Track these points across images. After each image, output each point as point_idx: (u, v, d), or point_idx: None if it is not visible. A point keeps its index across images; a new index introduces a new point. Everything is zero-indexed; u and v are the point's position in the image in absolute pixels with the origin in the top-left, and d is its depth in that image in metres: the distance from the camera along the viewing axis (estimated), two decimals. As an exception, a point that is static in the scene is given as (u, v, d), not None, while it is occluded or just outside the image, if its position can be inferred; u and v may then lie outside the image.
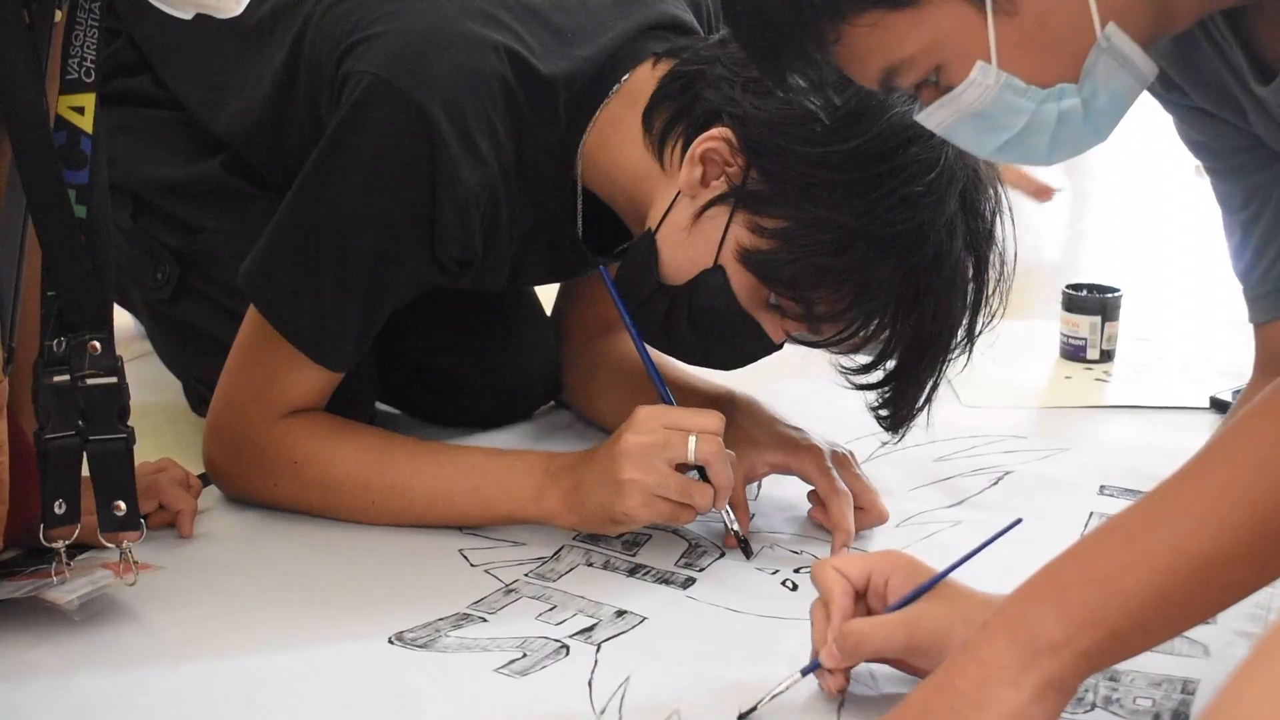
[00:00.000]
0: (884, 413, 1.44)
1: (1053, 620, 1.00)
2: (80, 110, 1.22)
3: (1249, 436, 0.99)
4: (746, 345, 1.44)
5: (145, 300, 1.76)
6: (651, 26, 1.51)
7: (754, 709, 1.17)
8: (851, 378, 1.43)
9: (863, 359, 1.42)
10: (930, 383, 1.42)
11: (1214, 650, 1.30)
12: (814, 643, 1.19)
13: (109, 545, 1.27)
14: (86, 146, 1.23)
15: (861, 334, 1.37)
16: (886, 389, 1.42)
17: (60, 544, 1.27)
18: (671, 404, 1.44)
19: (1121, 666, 1.26)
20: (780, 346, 1.45)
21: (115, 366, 1.25)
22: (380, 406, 1.78)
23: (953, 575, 1.20)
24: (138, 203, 1.71)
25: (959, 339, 1.40)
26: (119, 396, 1.26)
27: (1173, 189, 3.46)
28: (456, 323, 1.75)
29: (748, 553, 1.44)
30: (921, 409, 1.44)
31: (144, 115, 1.72)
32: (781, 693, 1.18)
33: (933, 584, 1.18)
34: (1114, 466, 1.71)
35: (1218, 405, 1.89)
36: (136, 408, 1.87)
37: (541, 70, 1.45)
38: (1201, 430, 1.84)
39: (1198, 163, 1.35)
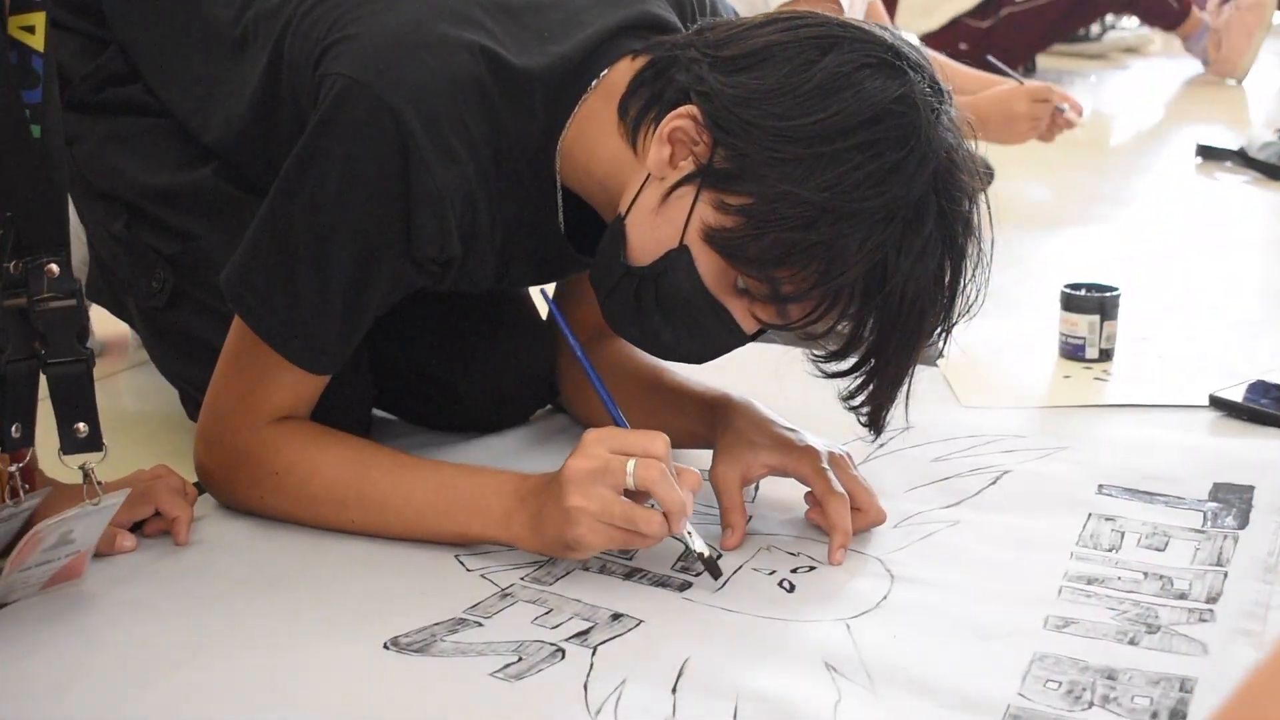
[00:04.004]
0: (857, 402, 1.41)
1: None
2: (30, 29, 1.23)
3: None
4: (715, 333, 1.41)
5: (140, 308, 1.76)
6: (632, 25, 1.50)
7: None
8: (823, 365, 1.41)
9: (834, 346, 1.40)
10: (904, 371, 1.39)
11: (1212, 648, 1.29)
12: None
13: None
14: (38, 65, 1.23)
15: (829, 316, 1.35)
16: (860, 377, 1.40)
17: (14, 467, 1.26)
18: (623, 425, 1.41)
19: (1119, 665, 1.26)
20: (752, 338, 1.43)
21: (74, 289, 1.25)
22: (376, 413, 1.78)
23: None
24: (131, 211, 1.71)
25: (935, 326, 1.37)
26: (78, 318, 1.26)
27: (1171, 188, 3.47)
28: (451, 328, 1.75)
29: (714, 574, 1.39)
30: (894, 398, 1.41)
31: (136, 123, 1.72)
32: None
33: None
34: (1113, 465, 1.70)
35: (1217, 403, 1.88)
36: (137, 416, 1.88)
37: (517, 65, 1.45)
38: (1201, 428, 1.84)
39: (1198, 159, 1.31)
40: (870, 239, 1.30)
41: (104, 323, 2.04)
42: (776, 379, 1.62)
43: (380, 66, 1.40)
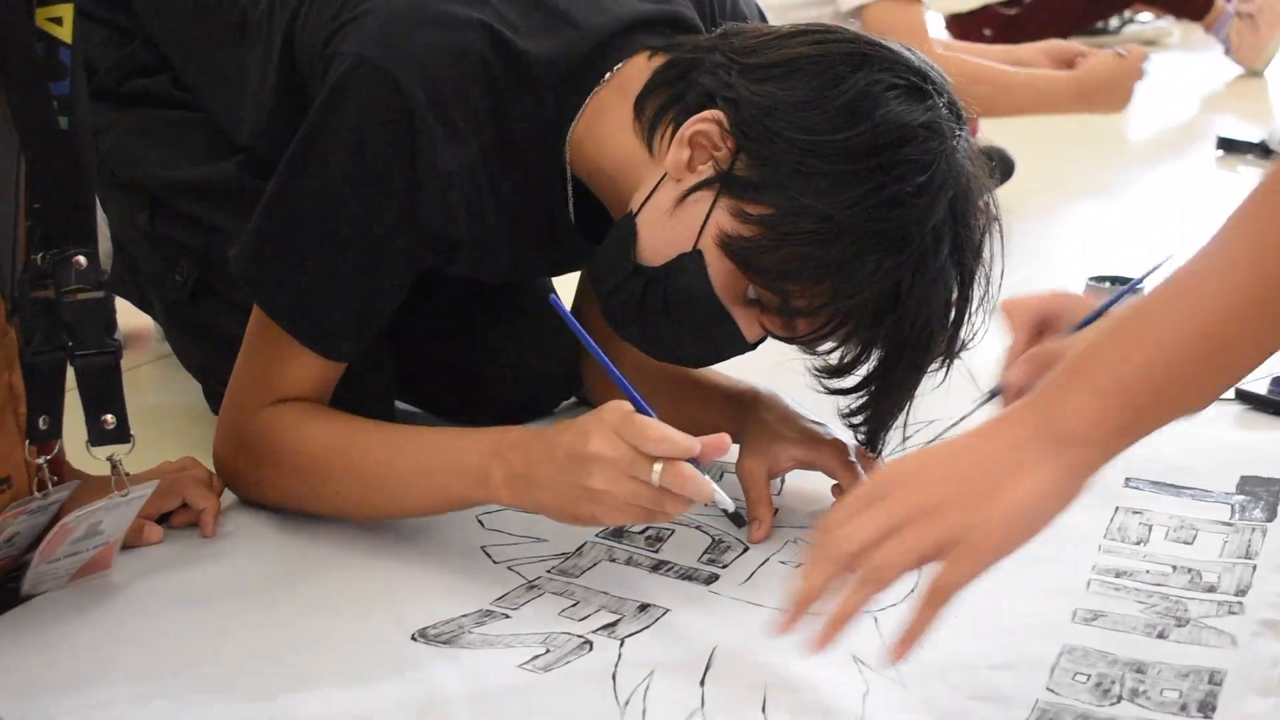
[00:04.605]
0: (857, 420, 1.42)
1: (1078, 407, 1.05)
2: (58, 21, 1.23)
3: (1253, 215, 1.04)
4: (717, 340, 1.41)
5: (164, 302, 1.76)
6: (651, 20, 1.49)
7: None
8: (826, 381, 1.41)
9: (838, 362, 1.40)
10: (907, 393, 1.40)
11: (1241, 641, 1.29)
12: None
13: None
14: (65, 56, 1.24)
15: (838, 334, 1.35)
16: (862, 395, 1.40)
17: (42, 460, 1.27)
18: (650, 414, 1.31)
19: (1148, 658, 1.26)
20: (754, 346, 1.42)
21: (101, 280, 1.26)
22: (400, 405, 1.78)
23: None
24: (155, 204, 1.71)
25: (938, 352, 1.37)
26: (105, 310, 1.27)
27: (1193, 181, 3.45)
28: (475, 320, 1.75)
29: (739, 523, 1.41)
30: (895, 419, 1.42)
31: (161, 116, 1.72)
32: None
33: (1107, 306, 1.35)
34: (1139, 459, 1.66)
35: (1243, 396, 1.88)
36: (158, 409, 1.89)
37: (523, 49, 1.44)
38: (1227, 421, 1.83)
39: (1219, 153, 1.34)
40: (887, 261, 1.30)
41: (127, 315, 2.03)
42: (790, 374, 1.62)
43: (385, 42, 1.40)
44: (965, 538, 1.04)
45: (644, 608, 1.34)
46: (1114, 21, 5.37)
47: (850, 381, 1.40)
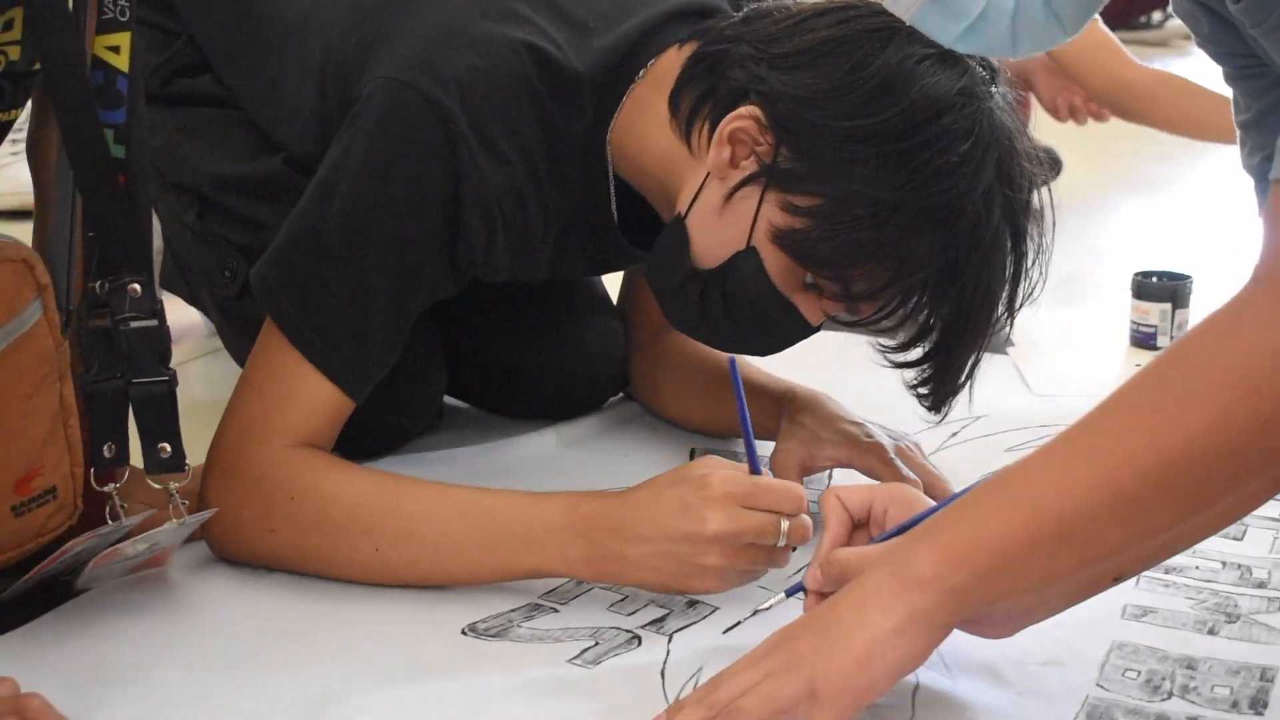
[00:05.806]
0: (924, 391, 1.41)
1: (927, 557, 1.06)
2: (116, 49, 1.23)
3: (1120, 404, 1.03)
4: (783, 328, 1.41)
5: (214, 298, 1.76)
6: (678, 12, 1.48)
7: (738, 624, 1.25)
8: (891, 356, 1.40)
9: (902, 337, 1.39)
10: (972, 357, 1.39)
11: (1293, 637, 1.29)
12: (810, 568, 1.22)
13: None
14: (123, 85, 1.23)
15: (901, 311, 1.35)
16: (928, 366, 1.39)
17: (111, 487, 1.27)
18: (760, 473, 1.29)
19: (1198, 655, 1.25)
20: (818, 329, 1.42)
21: (155, 309, 1.26)
22: (448, 400, 1.79)
23: None
24: (203, 202, 1.72)
25: (999, 312, 1.37)
26: (159, 339, 1.26)
27: (1240, 173, 3.42)
28: (523, 316, 1.75)
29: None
30: (964, 385, 1.40)
31: (206, 114, 1.72)
32: (765, 610, 1.23)
33: (922, 519, 1.17)
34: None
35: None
36: (208, 404, 1.89)
37: (565, 65, 1.43)
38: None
39: None
40: (943, 234, 1.30)
41: (176, 311, 2.05)
42: (842, 366, 1.62)
43: (424, 67, 1.38)
44: (816, 689, 1.06)
45: (692, 603, 1.34)
46: (1156, 15, 5.34)
47: (915, 355, 1.39)
